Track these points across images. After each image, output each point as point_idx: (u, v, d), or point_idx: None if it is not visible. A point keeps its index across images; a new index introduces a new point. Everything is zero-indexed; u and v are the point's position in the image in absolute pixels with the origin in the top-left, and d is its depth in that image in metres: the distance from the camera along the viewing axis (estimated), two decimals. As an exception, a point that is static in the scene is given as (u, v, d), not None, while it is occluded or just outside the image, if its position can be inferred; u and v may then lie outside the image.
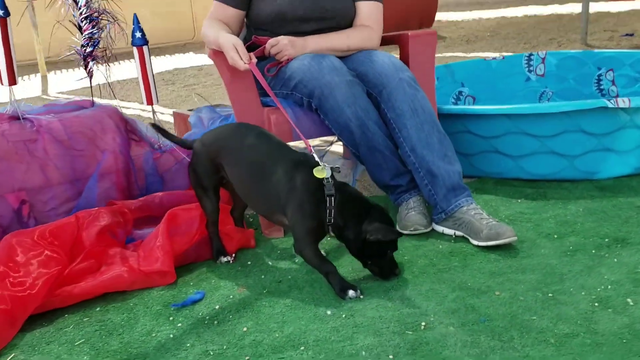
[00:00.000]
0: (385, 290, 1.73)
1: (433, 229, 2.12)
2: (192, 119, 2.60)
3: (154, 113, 2.52)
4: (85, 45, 2.32)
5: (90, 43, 2.31)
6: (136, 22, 2.40)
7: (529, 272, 1.77)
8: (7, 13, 2.14)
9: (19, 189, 2.15)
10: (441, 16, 9.33)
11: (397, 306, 1.64)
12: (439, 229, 2.10)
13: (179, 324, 1.68)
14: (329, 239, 2.09)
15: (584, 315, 1.53)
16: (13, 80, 2.19)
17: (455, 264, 1.87)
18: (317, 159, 1.78)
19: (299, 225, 1.76)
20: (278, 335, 1.57)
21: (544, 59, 3.38)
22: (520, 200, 2.31)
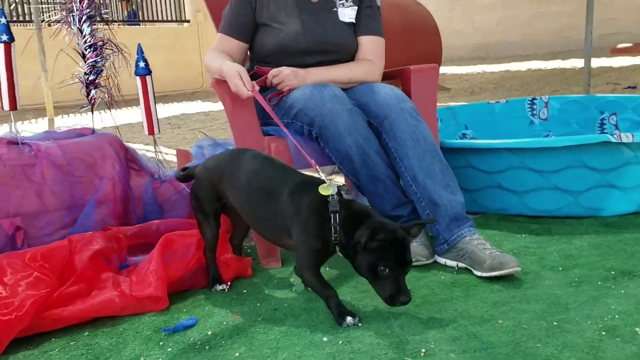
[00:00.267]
0: (384, 318, 1.67)
1: (435, 261, 2.07)
2: (194, 150, 2.59)
3: (155, 144, 2.51)
4: (89, 73, 2.33)
5: (93, 71, 2.33)
6: (140, 52, 2.42)
7: (533, 302, 1.70)
8: (12, 39, 2.16)
9: (14, 215, 2.12)
10: (445, 70, 9.47)
11: (397, 333, 1.58)
12: (442, 260, 2.05)
13: (169, 349, 1.61)
14: (328, 269, 2.05)
15: (591, 343, 1.46)
16: (14, 105, 2.19)
17: (457, 293, 1.81)
18: (323, 177, 1.73)
19: (302, 246, 1.70)
20: (271, 360, 1.50)
21: (547, 103, 3.39)
22: (524, 235, 2.26)
